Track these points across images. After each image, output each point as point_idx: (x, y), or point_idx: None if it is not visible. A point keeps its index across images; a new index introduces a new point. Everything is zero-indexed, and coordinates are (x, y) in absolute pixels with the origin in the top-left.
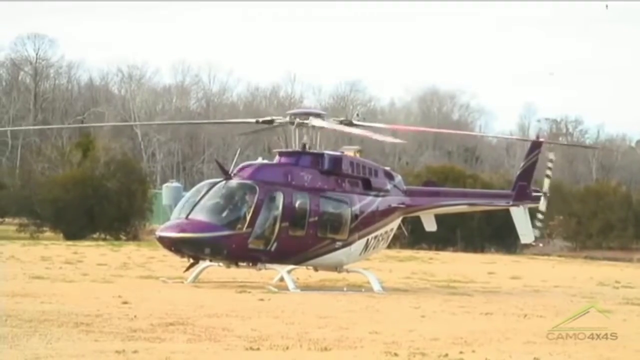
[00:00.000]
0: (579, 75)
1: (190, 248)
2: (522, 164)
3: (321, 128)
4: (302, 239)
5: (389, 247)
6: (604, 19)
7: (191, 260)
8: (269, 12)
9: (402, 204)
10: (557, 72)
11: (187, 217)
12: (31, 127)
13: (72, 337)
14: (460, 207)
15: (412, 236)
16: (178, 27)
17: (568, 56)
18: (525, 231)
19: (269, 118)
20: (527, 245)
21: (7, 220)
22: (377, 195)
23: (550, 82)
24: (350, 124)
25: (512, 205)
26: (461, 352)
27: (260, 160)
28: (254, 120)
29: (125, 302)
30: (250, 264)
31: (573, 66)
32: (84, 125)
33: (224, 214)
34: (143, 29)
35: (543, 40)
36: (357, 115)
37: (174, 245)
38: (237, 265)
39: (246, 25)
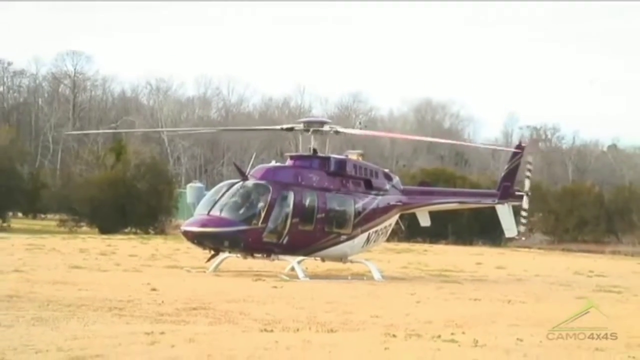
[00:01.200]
0: (558, 86)
1: (211, 241)
2: (506, 167)
3: (329, 134)
4: (311, 233)
5: (387, 240)
6: (583, 33)
7: (212, 252)
8: (281, 31)
9: (400, 202)
10: (539, 82)
11: (208, 214)
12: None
13: (106, 320)
14: (451, 205)
15: (409, 231)
16: (201, 44)
17: (548, 69)
18: (509, 226)
19: (290, 125)
20: (510, 239)
21: (49, 216)
22: (377, 194)
23: (533, 94)
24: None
25: (498, 203)
26: (452, 334)
27: (273, 163)
28: (278, 127)
29: (153, 289)
30: (265, 255)
31: (553, 78)
32: (120, 131)
33: (241, 211)
34: (169, 47)
35: (526, 53)
36: (360, 123)
37: (196, 239)
38: (253, 256)
39: (261, 43)
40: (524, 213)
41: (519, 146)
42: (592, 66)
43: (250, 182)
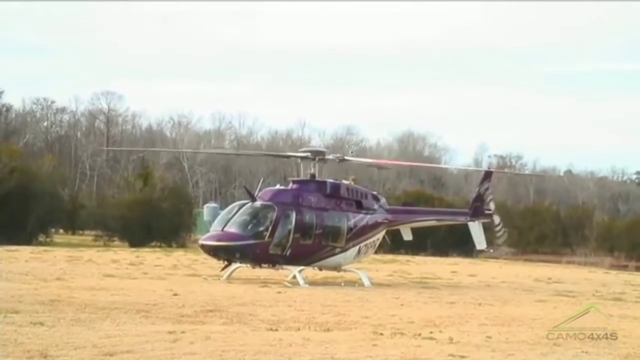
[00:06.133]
0: (522, 121)
1: (225, 253)
2: (477, 189)
3: (325, 162)
4: (310, 246)
5: (375, 252)
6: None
7: (226, 263)
8: (285, 74)
9: (386, 219)
10: (505, 118)
11: (222, 230)
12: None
13: (135, 321)
14: (430, 222)
15: (393, 244)
16: (216, 85)
17: (513, 105)
18: (480, 240)
19: (289, 153)
20: (481, 251)
21: (86, 232)
22: (367, 213)
23: (501, 127)
24: (344, 159)
25: (470, 221)
26: (431, 332)
27: (278, 186)
28: (283, 154)
29: (175, 294)
30: (271, 265)
31: (517, 113)
32: (150, 150)
33: (251, 227)
34: (189, 88)
35: (494, 92)
36: (352, 152)
37: (212, 251)
38: (260, 266)
39: (268, 85)
40: (498, 227)
41: (487, 172)
42: (551, 104)
43: (258, 203)
